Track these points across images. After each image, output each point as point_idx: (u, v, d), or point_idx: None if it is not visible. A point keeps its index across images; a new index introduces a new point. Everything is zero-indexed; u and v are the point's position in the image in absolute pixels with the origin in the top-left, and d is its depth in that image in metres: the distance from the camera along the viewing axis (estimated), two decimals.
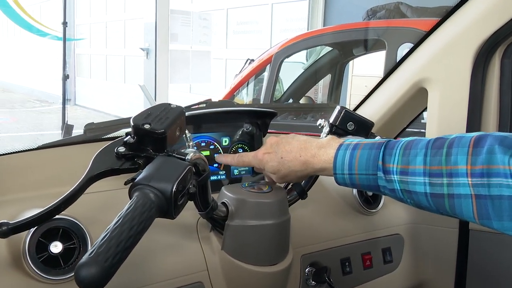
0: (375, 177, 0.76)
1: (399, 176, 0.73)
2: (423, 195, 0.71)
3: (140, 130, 0.70)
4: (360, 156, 0.78)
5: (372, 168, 0.76)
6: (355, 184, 0.79)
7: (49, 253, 0.77)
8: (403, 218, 1.26)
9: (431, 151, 0.70)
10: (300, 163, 0.85)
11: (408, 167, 0.72)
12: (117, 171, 0.71)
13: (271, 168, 0.88)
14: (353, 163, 0.78)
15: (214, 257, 0.92)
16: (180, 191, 0.65)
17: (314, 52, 4.11)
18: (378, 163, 0.75)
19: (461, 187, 0.66)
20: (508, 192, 0.62)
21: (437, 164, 0.69)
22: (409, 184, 0.72)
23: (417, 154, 0.71)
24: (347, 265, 1.13)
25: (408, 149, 0.73)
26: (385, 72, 1.34)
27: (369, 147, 0.78)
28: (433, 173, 0.69)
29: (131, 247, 0.59)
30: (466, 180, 0.66)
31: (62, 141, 1.20)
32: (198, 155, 0.74)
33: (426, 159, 0.70)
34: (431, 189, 0.69)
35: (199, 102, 1.67)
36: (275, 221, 0.90)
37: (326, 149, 0.83)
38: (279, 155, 0.87)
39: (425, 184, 0.70)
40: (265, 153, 0.90)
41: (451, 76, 1.17)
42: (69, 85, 8.92)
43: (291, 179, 0.89)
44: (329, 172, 0.82)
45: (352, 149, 0.79)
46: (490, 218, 0.65)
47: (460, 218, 0.69)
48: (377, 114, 1.31)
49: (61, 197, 0.68)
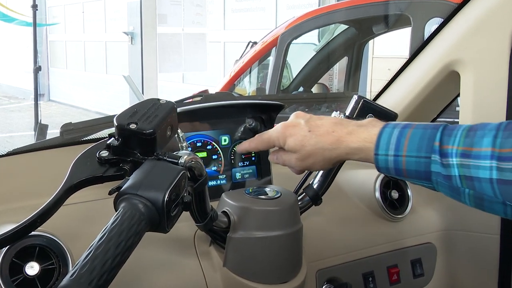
0: (427, 161, 0.74)
1: (460, 159, 0.71)
2: (488, 182, 0.69)
3: (125, 131, 0.70)
4: (412, 135, 0.76)
5: (426, 149, 0.74)
6: (399, 169, 0.77)
7: (25, 275, 0.78)
8: (435, 224, 1.27)
9: (503, 133, 0.69)
10: (332, 139, 0.82)
11: (471, 149, 0.71)
12: (100, 178, 0.72)
13: (293, 143, 0.85)
14: (402, 142, 0.76)
15: (215, 275, 0.93)
16: (173, 200, 0.66)
17: (327, 32, 4.10)
18: (434, 144, 0.74)
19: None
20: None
21: (510, 147, 0.68)
22: (471, 168, 0.70)
23: (484, 135, 0.70)
24: (370, 281, 1.13)
25: (474, 130, 0.72)
26: (411, 53, 1.34)
27: (423, 126, 0.77)
28: (504, 157, 0.68)
29: (119, 266, 0.60)
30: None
31: (36, 145, 1.21)
32: (193, 157, 0.75)
33: (496, 141, 0.69)
34: (499, 174, 0.68)
35: (194, 95, 1.68)
36: (285, 232, 0.90)
37: (368, 128, 0.81)
38: (306, 128, 0.85)
39: (492, 168, 0.68)
40: (288, 125, 0.87)
41: (486, 57, 1.17)
42: (42, 78, 8.96)
43: (316, 161, 0.85)
44: (368, 153, 0.80)
45: (402, 127, 0.78)
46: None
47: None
48: (402, 103, 1.31)
49: (36, 211, 0.68)
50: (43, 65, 9.17)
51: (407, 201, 1.24)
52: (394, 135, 0.78)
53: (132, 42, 9.60)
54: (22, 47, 10.27)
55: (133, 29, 9.48)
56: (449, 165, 0.73)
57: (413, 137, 0.76)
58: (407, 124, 0.79)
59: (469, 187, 0.72)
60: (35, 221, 0.68)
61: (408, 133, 0.77)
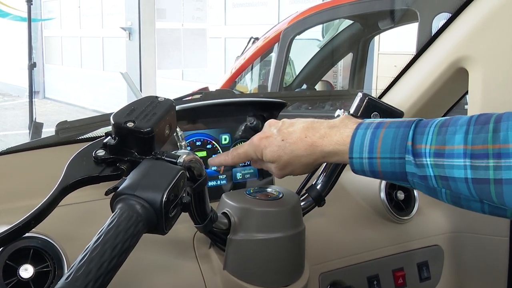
0: (402, 162, 0.74)
1: (433, 159, 0.71)
2: (463, 182, 0.69)
3: (122, 130, 0.70)
4: (385, 136, 0.76)
5: (399, 150, 0.74)
6: (375, 171, 0.77)
7: (19, 278, 0.78)
8: (442, 226, 1.27)
9: (474, 128, 0.69)
10: (305, 145, 0.83)
11: (444, 147, 0.70)
12: (96, 179, 0.72)
13: (270, 154, 0.86)
14: (375, 144, 0.76)
15: (214, 278, 0.93)
16: (172, 201, 0.66)
17: (331, 27, 4.09)
18: (407, 144, 0.73)
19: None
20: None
21: (481, 143, 0.67)
22: (446, 168, 0.70)
23: (455, 132, 0.70)
24: (375, 284, 1.13)
25: (445, 126, 0.72)
26: (418, 49, 1.34)
27: (396, 125, 0.76)
28: (476, 154, 0.67)
29: (115, 269, 0.60)
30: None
31: (30, 144, 1.22)
32: (193, 156, 0.75)
33: (468, 137, 0.69)
34: (473, 173, 0.68)
35: (193, 93, 1.68)
36: (287, 234, 0.90)
37: (340, 129, 0.81)
38: (279, 137, 0.86)
39: (466, 167, 0.68)
40: (262, 137, 0.89)
41: (496, 53, 1.17)
42: (37, 75, 8.98)
43: (295, 168, 0.87)
44: (343, 156, 0.80)
45: (374, 128, 0.78)
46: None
47: (510, 207, 0.67)
48: (408, 101, 1.31)
49: (30, 212, 0.68)
50: (38, 62, 9.18)
51: (413, 202, 1.24)
52: (367, 136, 0.78)
53: (130, 37, 9.62)
54: (16, 43, 10.28)
55: (131, 24, 9.50)
56: (423, 165, 0.72)
57: (386, 138, 0.76)
58: (380, 122, 0.78)
59: (445, 187, 0.72)
60: (29, 222, 0.68)
61: (381, 133, 0.76)
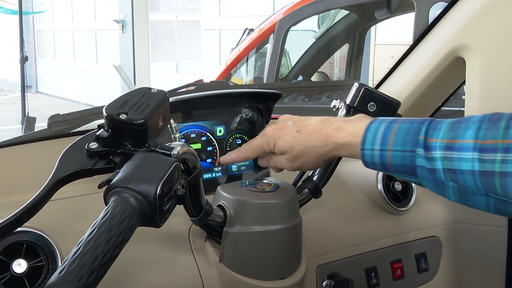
0: (412, 155, 0.77)
1: (443, 151, 0.73)
2: (470, 174, 0.71)
3: (115, 122, 0.70)
4: (398, 130, 0.79)
5: (410, 143, 0.77)
6: (385, 164, 0.80)
7: (12, 273, 0.78)
8: (440, 217, 1.27)
9: (486, 125, 0.71)
10: (320, 136, 0.85)
11: (455, 141, 0.73)
12: (89, 171, 0.71)
13: (284, 144, 0.88)
14: (387, 136, 0.79)
15: (210, 271, 0.93)
16: (166, 194, 0.66)
17: (327, 18, 4.09)
18: (419, 138, 0.76)
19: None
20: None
21: (491, 138, 0.70)
22: (454, 161, 0.72)
23: (468, 128, 0.72)
24: (373, 276, 1.13)
25: (458, 123, 0.74)
26: (414, 39, 1.34)
27: (410, 121, 0.79)
28: (485, 148, 0.70)
29: (109, 263, 0.60)
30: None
31: (23, 138, 1.21)
32: (187, 148, 0.75)
33: (479, 133, 0.71)
34: (480, 166, 0.70)
35: (188, 84, 1.68)
36: (284, 226, 0.90)
37: (355, 123, 0.84)
38: (294, 128, 0.88)
39: (474, 160, 0.71)
40: (276, 128, 0.90)
41: (494, 42, 1.17)
42: (29, 69, 8.93)
43: (307, 160, 0.88)
44: (355, 148, 0.82)
45: (389, 122, 0.81)
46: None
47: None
48: (405, 92, 1.31)
49: (23, 206, 0.68)
50: (30, 55, 9.12)
51: (411, 193, 1.24)
52: (380, 129, 0.80)
53: (123, 30, 9.58)
54: (7, 36, 10.23)
55: (124, 16, 9.46)
56: (432, 158, 0.75)
57: (399, 131, 0.78)
58: (394, 119, 0.81)
59: (453, 180, 0.74)
60: (22, 216, 0.68)
61: (394, 127, 0.79)
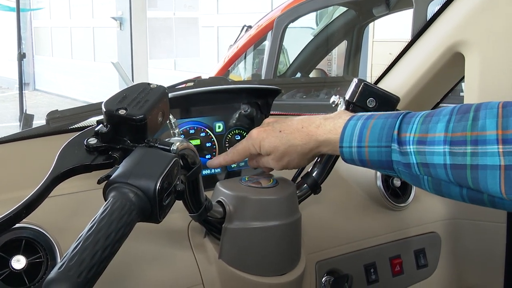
0: (388, 151, 0.78)
1: (416, 146, 0.74)
2: (442, 168, 0.72)
3: (114, 117, 0.70)
4: (373, 126, 0.80)
5: (385, 139, 0.78)
6: (363, 160, 0.81)
7: (11, 269, 0.78)
8: (439, 213, 1.27)
9: (455, 117, 0.72)
10: (301, 135, 0.88)
11: (427, 135, 0.73)
12: (88, 167, 0.71)
13: (268, 145, 0.90)
14: (364, 133, 0.80)
15: (210, 267, 0.93)
16: (166, 189, 0.66)
17: (325, 15, 4.08)
18: (393, 133, 0.77)
19: (488, 157, 0.68)
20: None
21: (461, 131, 0.70)
22: (427, 155, 0.73)
23: (438, 121, 0.73)
24: (372, 272, 1.14)
25: (430, 116, 0.75)
26: (413, 35, 1.34)
27: (385, 116, 0.80)
28: (455, 141, 0.70)
29: (109, 258, 0.60)
30: (495, 148, 0.67)
31: (21, 134, 1.21)
32: (186, 144, 0.75)
33: (449, 126, 0.72)
34: (451, 159, 0.71)
35: (186, 81, 1.67)
36: (283, 222, 0.90)
37: (334, 120, 0.86)
38: (277, 129, 0.90)
39: (445, 154, 0.71)
40: (260, 130, 0.92)
41: (493, 38, 1.17)
42: (27, 66, 8.92)
43: (291, 159, 0.90)
44: (334, 145, 0.84)
45: (365, 119, 0.82)
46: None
47: (485, 192, 0.70)
48: (404, 87, 1.31)
49: (21, 202, 0.68)
50: (28, 53, 9.12)
51: (410, 189, 1.25)
52: (357, 126, 0.82)
53: (121, 27, 9.56)
54: (5, 33, 10.21)
55: (122, 14, 9.44)
56: (406, 152, 0.76)
57: (375, 127, 0.80)
58: (371, 114, 0.83)
59: (427, 173, 0.75)
60: (20, 212, 0.68)
61: (370, 123, 0.81)
